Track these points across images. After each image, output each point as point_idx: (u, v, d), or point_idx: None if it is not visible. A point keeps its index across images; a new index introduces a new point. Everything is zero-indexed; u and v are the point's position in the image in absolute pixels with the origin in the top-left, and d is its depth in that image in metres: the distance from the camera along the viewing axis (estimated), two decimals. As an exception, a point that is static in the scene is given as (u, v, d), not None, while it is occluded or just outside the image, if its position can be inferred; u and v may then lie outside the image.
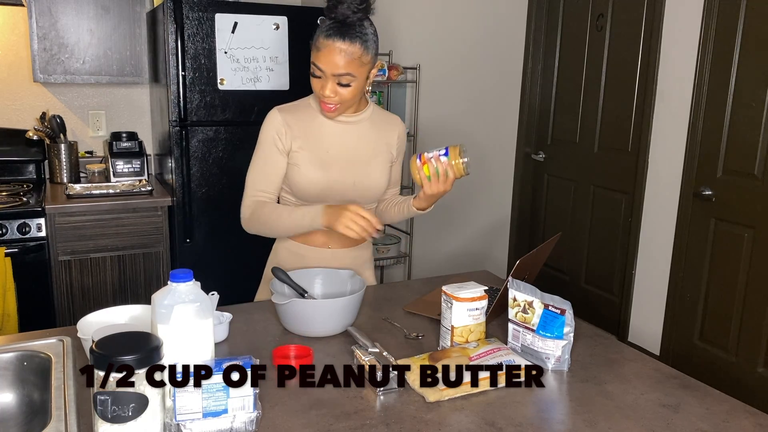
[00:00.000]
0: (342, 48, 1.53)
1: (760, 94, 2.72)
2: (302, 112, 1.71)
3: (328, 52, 1.54)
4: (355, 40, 1.54)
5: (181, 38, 2.75)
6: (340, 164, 1.70)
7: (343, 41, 1.53)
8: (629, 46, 3.36)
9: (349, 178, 1.70)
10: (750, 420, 1.18)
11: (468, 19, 3.89)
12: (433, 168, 1.60)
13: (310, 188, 1.68)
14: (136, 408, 0.98)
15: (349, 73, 1.56)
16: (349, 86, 1.59)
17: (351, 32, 1.53)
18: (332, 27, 1.53)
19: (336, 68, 1.55)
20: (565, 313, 1.35)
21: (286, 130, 1.67)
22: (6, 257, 2.57)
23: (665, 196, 3.20)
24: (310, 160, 1.68)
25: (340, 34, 1.53)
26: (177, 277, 1.13)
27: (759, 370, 2.79)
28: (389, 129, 1.79)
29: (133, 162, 3.20)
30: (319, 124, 1.70)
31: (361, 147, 1.73)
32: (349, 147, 1.71)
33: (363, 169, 1.72)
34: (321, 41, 1.55)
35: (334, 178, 1.69)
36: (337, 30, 1.53)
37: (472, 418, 1.16)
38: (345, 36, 1.53)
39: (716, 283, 2.96)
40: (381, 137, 1.76)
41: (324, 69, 1.56)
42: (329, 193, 1.70)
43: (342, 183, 1.70)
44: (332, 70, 1.55)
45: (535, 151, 4.10)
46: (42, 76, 2.96)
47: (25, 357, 1.31)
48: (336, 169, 1.69)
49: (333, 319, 1.47)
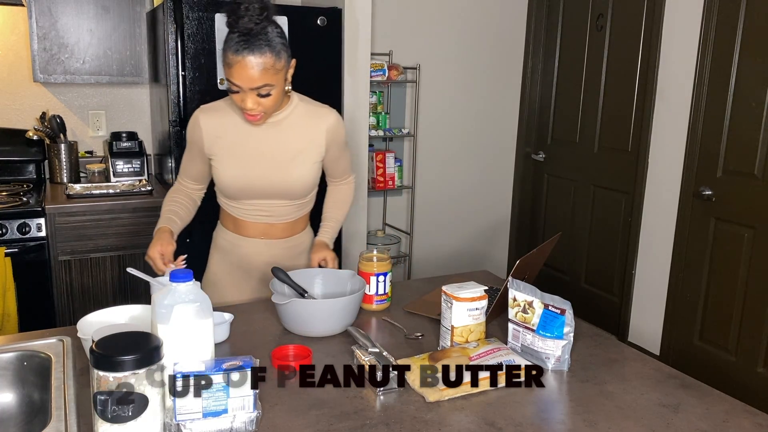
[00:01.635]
0: (254, 61, 1.52)
1: (760, 94, 2.72)
2: (223, 112, 1.73)
3: (241, 68, 1.52)
4: (264, 51, 1.52)
5: (181, 38, 2.75)
6: (259, 163, 1.71)
7: (253, 55, 1.51)
8: (629, 46, 3.36)
9: (269, 177, 1.72)
10: (750, 420, 1.18)
11: (468, 19, 3.89)
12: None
13: (230, 186, 1.74)
14: (136, 408, 0.98)
15: (266, 84, 1.55)
16: (270, 95, 1.58)
17: (258, 43, 1.52)
18: (239, 42, 1.52)
19: (252, 82, 1.54)
20: (565, 313, 1.35)
21: (206, 131, 1.72)
22: (6, 257, 2.57)
23: (665, 196, 3.20)
24: (228, 159, 1.71)
25: (248, 48, 1.51)
26: (177, 277, 1.13)
27: (759, 370, 2.79)
28: (315, 124, 1.75)
29: (133, 162, 3.20)
30: (240, 125, 1.72)
31: (281, 146, 1.73)
32: (269, 146, 1.72)
33: (284, 167, 1.73)
34: (231, 57, 1.53)
35: (253, 177, 1.71)
36: (244, 44, 1.51)
37: (472, 418, 1.16)
38: (254, 49, 1.51)
39: (716, 283, 2.96)
40: (305, 134, 1.74)
41: (240, 84, 1.55)
42: (249, 191, 1.74)
43: (261, 182, 1.73)
44: (249, 85, 1.54)
45: (535, 151, 4.10)
46: (42, 76, 2.96)
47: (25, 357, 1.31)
48: (255, 169, 1.71)
49: (333, 319, 1.47)
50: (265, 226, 1.80)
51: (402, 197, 3.97)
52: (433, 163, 3.99)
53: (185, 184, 1.85)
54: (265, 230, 1.80)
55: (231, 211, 1.81)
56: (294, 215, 1.82)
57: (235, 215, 1.80)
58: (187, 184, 1.85)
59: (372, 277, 1.64)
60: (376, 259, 1.66)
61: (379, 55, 3.64)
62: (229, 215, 1.82)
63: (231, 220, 1.82)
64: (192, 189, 1.86)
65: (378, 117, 3.64)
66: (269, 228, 1.81)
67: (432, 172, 4.00)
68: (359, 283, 1.60)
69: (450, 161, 4.05)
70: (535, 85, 4.08)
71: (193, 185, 1.85)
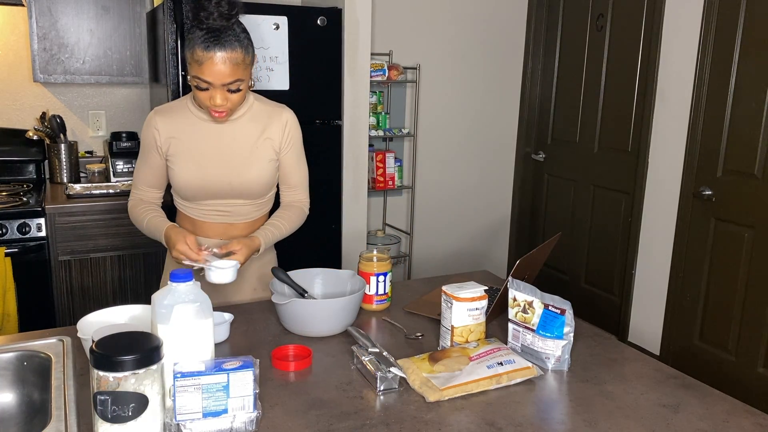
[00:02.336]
0: (225, 57, 1.52)
1: (760, 94, 2.72)
2: (178, 113, 1.71)
3: (212, 64, 1.52)
4: (234, 46, 1.53)
5: (181, 38, 2.75)
6: (215, 164, 1.70)
7: (224, 51, 1.52)
8: (629, 46, 3.36)
9: (225, 177, 1.71)
10: (750, 420, 1.18)
11: (468, 19, 3.89)
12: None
13: (187, 187, 1.71)
14: (136, 408, 0.98)
15: (237, 79, 1.57)
16: (240, 90, 1.60)
17: (228, 39, 1.52)
18: (209, 38, 1.51)
19: (224, 78, 1.54)
20: (565, 313, 1.35)
21: (161, 132, 1.70)
22: (6, 257, 2.57)
23: (665, 196, 3.20)
24: (185, 160, 1.69)
25: (219, 45, 1.51)
26: (177, 277, 1.13)
27: (759, 370, 2.79)
28: (270, 122, 1.74)
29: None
30: (195, 125, 1.70)
31: (237, 145, 1.71)
32: (225, 146, 1.71)
33: (240, 167, 1.71)
34: (200, 54, 1.52)
35: (210, 177, 1.70)
36: (215, 40, 1.51)
37: (472, 418, 1.16)
38: (225, 45, 1.52)
39: (716, 283, 2.96)
40: (260, 132, 1.73)
41: (211, 81, 1.54)
42: (207, 192, 1.72)
43: (218, 182, 1.71)
44: (221, 81, 1.55)
45: (535, 151, 4.10)
46: (42, 76, 2.96)
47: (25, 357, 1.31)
48: (211, 169, 1.70)
49: (333, 319, 1.47)
50: (225, 226, 1.77)
51: (402, 197, 3.97)
52: (433, 163, 3.99)
53: (145, 193, 1.78)
54: (225, 230, 1.77)
55: (188, 212, 1.77)
56: (253, 215, 1.79)
57: (193, 216, 1.77)
58: (146, 192, 1.78)
59: (372, 277, 1.64)
60: (376, 259, 1.66)
61: (379, 55, 3.64)
62: (187, 217, 1.79)
63: (189, 222, 1.79)
64: (152, 197, 1.78)
65: (378, 117, 3.64)
66: (229, 228, 1.77)
67: (432, 172, 4.00)
68: (359, 283, 1.60)
69: (450, 161, 4.05)
70: (535, 85, 4.08)
71: (153, 192, 1.78)
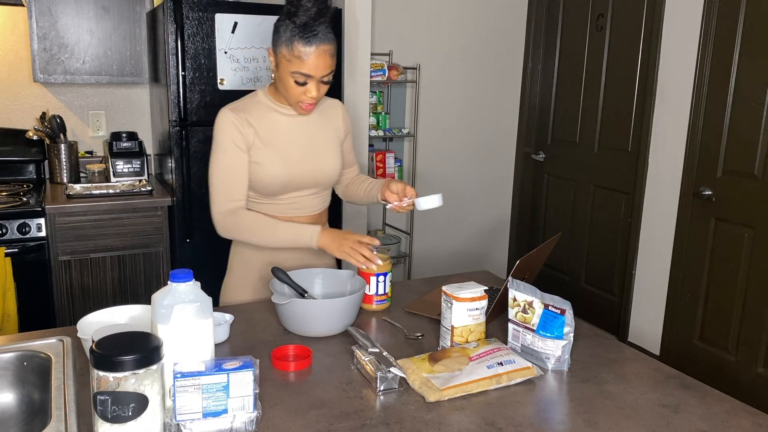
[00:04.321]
0: (325, 49, 1.57)
1: (760, 94, 2.72)
2: (254, 109, 1.71)
3: (315, 57, 1.56)
4: (330, 39, 1.58)
5: (181, 38, 2.75)
6: (297, 157, 1.72)
7: (323, 43, 1.56)
8: (629, 46, 3.36)
9: (308, 169, 1.73)
10: (750, 420, 1.18)
11: (468, 19, 3.89)
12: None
13: (274, 182, 1.70)
14: (136, 408, 0.98)
15: (332, 71, 1.62)
16: (331, 81, 1.64)
17: (324, 32, 1.56)
18: (307, 33, 1.54)
19: (324, 70, 1.59)
20: (565, 313, 1.35)
21: (243, 128, 1.68)
22: (6, 257, 2.57)
23: (665, 196, 3.20)
24: (271, 156, 1.69)
25: (318, 38, 1.55)
26: (177, 277, 1.13)
27: (759, 370, 2.79)
28: (333, 114, 1.82)
29: (133, 162, 3.20)
30: (273, 120, 1.71)
31: (313, 137, 1.75)
32: (303, 139, 1.74)
33: (318, 158, 1.75)
34: (301, 49, 1.55)
35: (294, 171, 1.71)
36: (314, 34, 1.54)
37: (472, 418, 1.16)
38: (323, 38, 1.56)
39: (716, 283, 2.96)
40: (328, 123, 1.80)
41: (312, 74, 1.58)
42: (291, 185, 1.73)
43: (301, 175, 1.73)
44: (321, 73, 1.59)
45: (535, 151, 4.10)
46: (42, 76, 2.96)
47: (25, 357, 1.31)
48: (295, 163, 1.71)
49: (333, 319, 1.47)
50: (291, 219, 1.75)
51: (402, 197, 3.96)
52: (433, 162, 3.99)
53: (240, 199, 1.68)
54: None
55: (259, 209, 1.75)
56: (318, 207, 1.81)
57: (264, 213, 1.73)
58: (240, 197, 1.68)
59: (372, 277, 1.63)
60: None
61: (379, 55, 3.64)
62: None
63: None
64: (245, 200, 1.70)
65: (378, 117, 3.64)
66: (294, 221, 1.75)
67: (432, 172, 4.00)
68: (359, 283, 1.60)
69: (450, 161, 4.05)
70: (535, 85, 4.08)
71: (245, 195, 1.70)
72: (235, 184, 1.67)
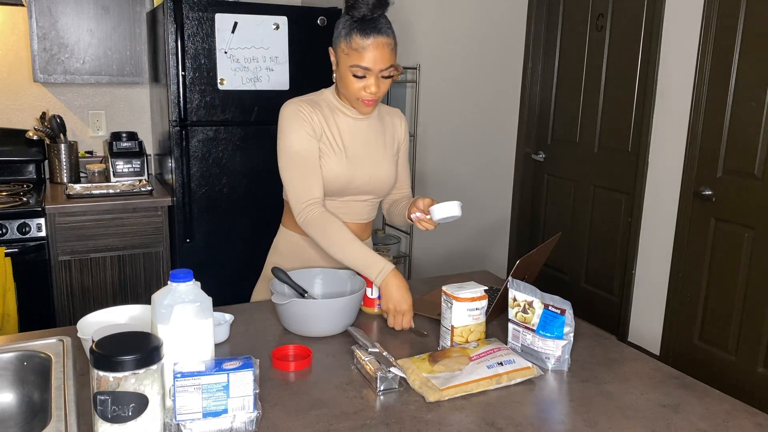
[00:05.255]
0: (384, 42, 1.54)
1: (760, 94, 2.72)
2: (321, 105, 1.69)
3: (373, 49, 1.53)
4: (389, 32, 1.56)
5: (181, 38, 2.75)
6: (358, 159, 1.69)
7: (382, 36, 1.53)
8: (629, 46, 3.36)
9: (366, 172, 1.70)
10: (750, 420, 1.18)
11: (468, 19, 3.89)
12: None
13: (334, 181, 1.67)
14: (136, 408, 0.98)
15: (392, 65, 1.58)
16: (391, 77, 1.60)
17: (383, 24, 1.55)
18: (366, 25, 1.52)
19: (384, 63, 1.55)
20: (565, 313, 1.34)
21: (313, 117, 1.64)
22: (6, 257, 2.57)
23: (665, 196, 3.20)
24: (334, 155, 1.66)
25: (376, 31, 1.53)
26: (177, 277, 1.13)
27: (759, 370, 2.79)
28: (394, 122, 1.80)
29: (133, 162, 3.20)
30: (339, 118, 1.69)
31: (373, 140, 1.73)
32: (363, 141, 1.71)
33: (376, 162, 1.72)
34: (359, 42, 1.53)
35: (354, 173, 1.69)
36: (372, 27, 1.53)
37: (472, 418, 1.16)
38: (381, 31, 1.53)
39: (716, 283, 2.96)
40: (388, 130, 1.78)
41: (371, 67, 1.55)
42: (349, 187, 1.70)
43: (360, 178, 1.70)
44: (380, 66, 1.55)
45: (535, 151, 4.10)
46: (42, 76, 2.96)
47: (25, 357, 1.31)
48: (356, 164, 1.69)
49: (333, 319, 1.47)
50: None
51: (402, 197, 3.96)
52: (433, 162, 3.99)
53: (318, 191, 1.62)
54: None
55: None
56: (366, 216, 1.78)
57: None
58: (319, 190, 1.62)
59: None
60: None
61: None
62: None
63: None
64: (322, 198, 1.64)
65: (378, 117, 3.64)
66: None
67: (432, 172, 4.00)
68: (359, 283, 1.60)
69: (450, 161, 4.05)
70: (535, 85, 4.07)
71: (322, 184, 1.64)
72: (312, 171, 1.63)
